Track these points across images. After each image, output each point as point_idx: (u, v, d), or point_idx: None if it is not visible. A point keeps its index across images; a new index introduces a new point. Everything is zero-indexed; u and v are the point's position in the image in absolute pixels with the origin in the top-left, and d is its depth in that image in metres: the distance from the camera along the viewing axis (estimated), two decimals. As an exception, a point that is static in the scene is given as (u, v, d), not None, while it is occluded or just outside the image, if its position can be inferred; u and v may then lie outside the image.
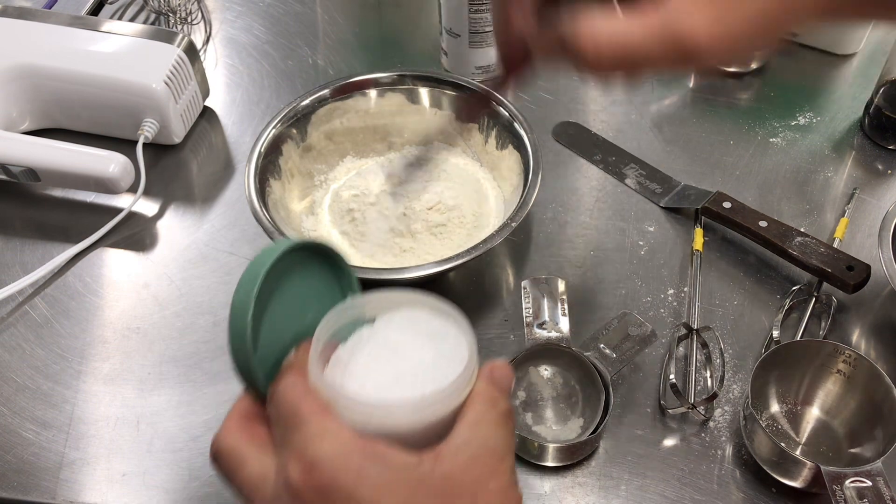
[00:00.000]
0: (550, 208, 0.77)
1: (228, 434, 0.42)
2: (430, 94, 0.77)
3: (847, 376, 0.61)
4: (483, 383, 0.42)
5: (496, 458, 0.39)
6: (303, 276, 0.45)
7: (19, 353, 0.68)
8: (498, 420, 0.41)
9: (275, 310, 0.43)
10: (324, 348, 0.44)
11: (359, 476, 0.37)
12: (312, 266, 0.46)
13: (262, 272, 0.41)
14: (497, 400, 0.42)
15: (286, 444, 0.39)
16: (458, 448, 0.39)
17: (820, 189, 0.78)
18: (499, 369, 0.43)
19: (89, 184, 0.76)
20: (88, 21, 0.83)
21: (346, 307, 0.45)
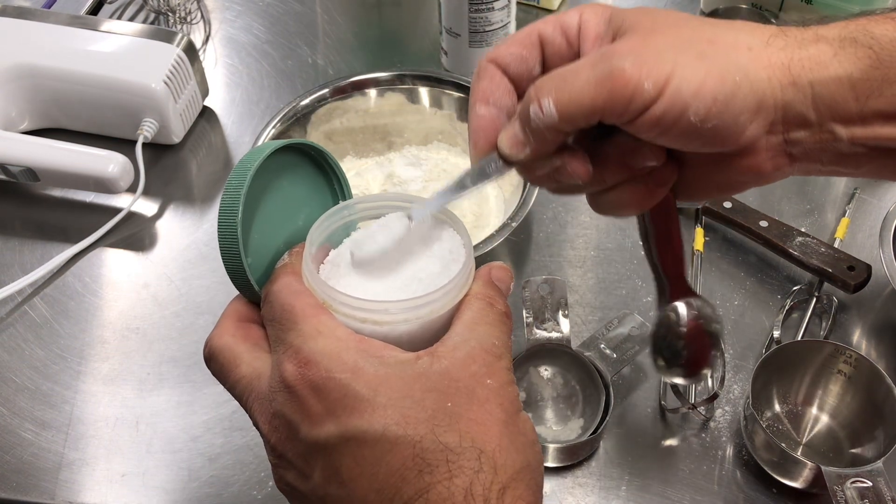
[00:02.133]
0: (550, 208, 0.77)
1: (223, 334, 0.42)
2: (430, 94, 0.77)
3: (848, 376, 0.61)
4: (480, 284, 0.42)
5: (493, 356, 0.39)
6: (293, 178, 0.45)
7: (19, 353, 0.68)
8: (495, 320, 0.40)
9: (265, 212, 0.43)
10: (317, 251, 0.43)
11: (354, 371, 0.37)
12: (303, 168, 0.45)
13: (251, 172, 0.40)
14: (494, 300, 0.41)
15: (281, 343, 0.39)
16: (456, 346, 0.39)
17: (821, 189, 0.78)
18: (497, 270, 0.43)
19: (88, 184, 0.75)
20: (88, 21, 0.83)
21: (339, 209, 0.44)
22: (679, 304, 0.45)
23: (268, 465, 0.62)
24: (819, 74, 0.37)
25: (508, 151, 0.39)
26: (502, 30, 0.83)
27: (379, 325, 0.40)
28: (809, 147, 0.38)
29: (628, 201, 0.41)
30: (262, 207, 0.43)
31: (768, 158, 0.39)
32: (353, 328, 0.39)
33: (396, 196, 0.45)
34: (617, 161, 0.40)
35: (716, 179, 0.41)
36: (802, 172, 0.40)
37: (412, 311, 0.40)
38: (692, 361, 0.46)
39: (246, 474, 0.61)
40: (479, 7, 0.80)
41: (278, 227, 0.44)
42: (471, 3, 0.80)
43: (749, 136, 0.37)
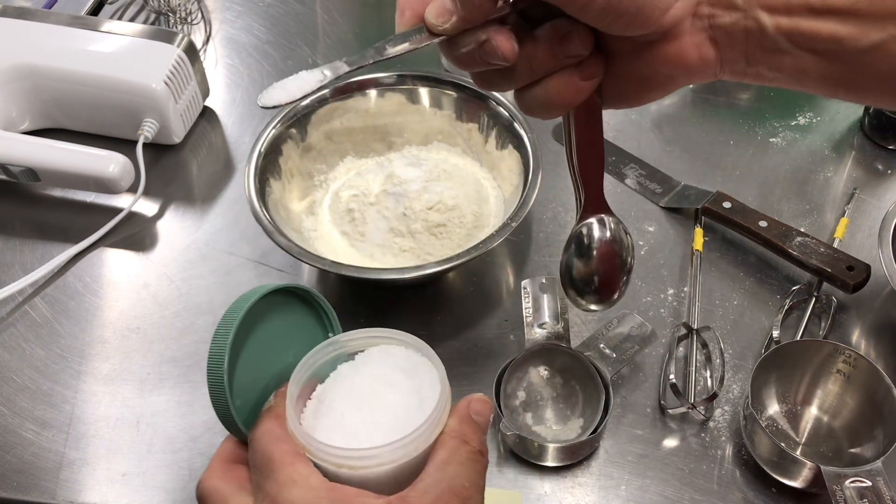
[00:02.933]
0: (550, 208, 0.77)
1: (212, 476, 0.44)
2: (430, 94, 0.77)
3: (847, 376, 0.61)
4: (455, 421, 0.43)
5: (461, 499, 0.40)
6: (282, 316, 0.47)
7: (19, 353, 0.68)
8: (467, 459, 0.42)
9: (253, 353, 0.45)
10: (303, 388, 0.45)
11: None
12: (291, 306, 0.48)
13: (236, 321, 0.43)
14: (468, 437, 0.42)
15: (259, 490, 0.41)
16: (426, 489, 0.40)
17: (820, 189, 0.78)
18: (476, 403, 0.44)
19: (89, 184, 0.75)
20: (88, 21, 0.83)
21: (324, 346, 0.46)
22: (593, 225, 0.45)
23: (268, 465, 0.62)
24: None
25: (435, 20, 0.39)
26: (502, 30, 0.83)
27: (355, 470, 0.42)
28: (735, 34, 0.38)
29: (555, 96, 0.40)
30: (251, 348, 0.45)
31: (693, 46, 0.38)
32: (330, 473, 0.42)
33: (382, 331, 0.47)
34: (545, 48, 0.39)
35: (641, 71, 0.40)
36: (728, 73, 0.40)
37: (387, 456, 0.42)
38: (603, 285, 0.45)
39: (246, 474, 0.61)
40: (479, 7, 0.80)
41: (267, 364, 0.47)
42: (471, 3, 0.80)
43: (672, 17, 0.37)
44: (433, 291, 0.71)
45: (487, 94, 0.74)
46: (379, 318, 0.69)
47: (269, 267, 0.73)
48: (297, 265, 0.73)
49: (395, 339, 0.47)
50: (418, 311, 0.70)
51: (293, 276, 0.72)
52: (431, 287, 0.71)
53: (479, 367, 0.66)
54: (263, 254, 0.74)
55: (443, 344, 0.68)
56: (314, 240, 0.72)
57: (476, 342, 0.67)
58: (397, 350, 0.47)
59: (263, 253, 0.74)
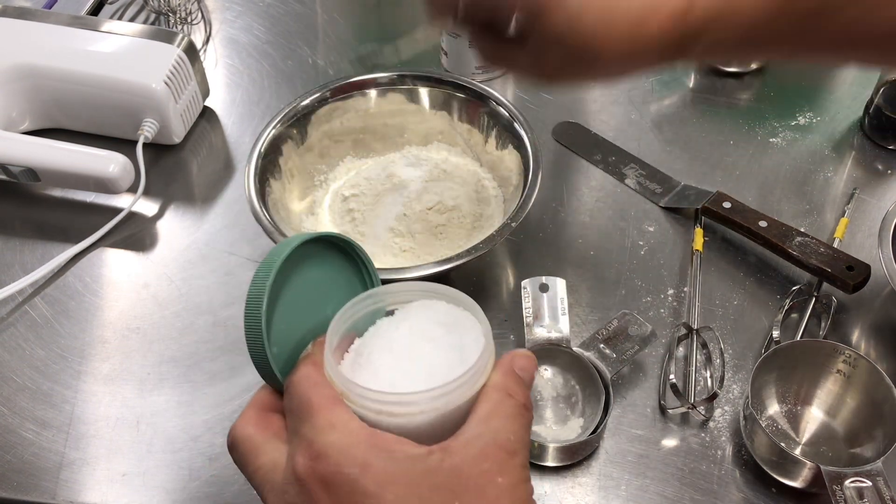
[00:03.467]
0: (550, 208, 0.77)
1: (246, 424, 0.42)
2: (430, 94, 0.77)
3: (847, 376, 0.61)
4: (499, 374, 0.41)
5: (507, 452, 0.38)
6: (321, 268, 0.46)
7: (19, 353, 0.68)
8: (512, 413, 0.40)
9: (291, 302, 0.44)
10: (341, 340, 0.44)
11: (363, 467, 0.37)
12: (330, 258, 0.46)
13: (276, 265, 0.41)
14: (513, 391, 0.41)
15: (296, 435, 0.40)
16: (468, 441, 0.38)
17: (820, 189, 0.78)
18: (520, 358, 0.42)
19: (89, 184, 0.76)
20: (88, 21, 0.83)
21: (363, 299, 0.45)
22: None
23: (268, 465, 0.62)
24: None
25: None
26: (502, 30, 0.83)
27: (395, 417, 0.40)
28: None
29: None
30: (289, 296, 0.43)
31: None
32: (369, 420, 0.40)
33: (423, 285, 0.45)
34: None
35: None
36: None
37: (428, 403, 0.40)
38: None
39: (246, 474, 0.61)
40: (479, 7, 0.80)
41: (305, 314, 0.45)
42: (471, 3, 0.80)
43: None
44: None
45: (487, 94, 0.74)
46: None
47: (269, 267, 0.73)
48: (297, 265, 0.73)
49: (437, 293, 0.45)
50: (418, 311, 0.70)
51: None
52: (431, 287, 0.71)
53: (479, 367, 0.66)
54: (263, 254, 0.72)
55: (443, 344, 0.68)
56: (314, 240, 0.71)
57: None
58: (439, 305, 0.45)
59: (263, 253, 0.73)
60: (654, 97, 0.87)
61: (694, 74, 0.89)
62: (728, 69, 0.88)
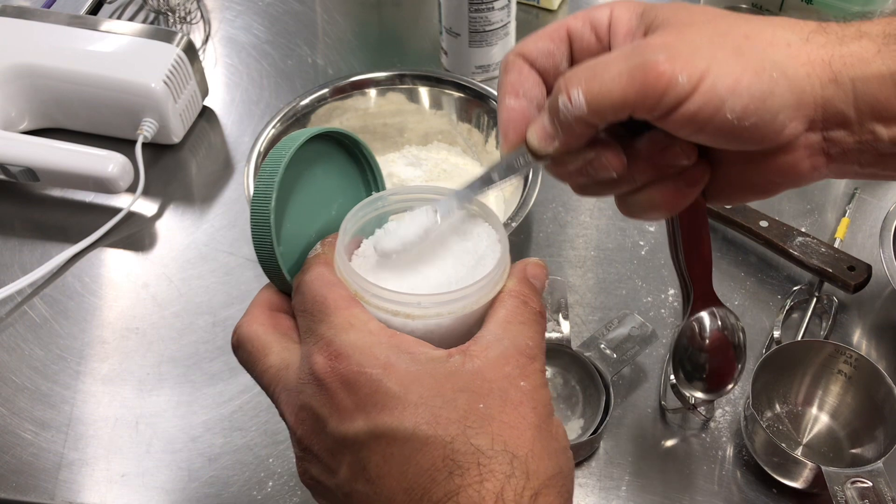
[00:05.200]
0: (550, 208, 0.77)
1: (252, 322, 0.41)
2: (430, 94, 0.77)
3: (848, 377, 0.61)
4: (515, 281, 0.40)
5: (527, 357, 0.38)
6: (327, 167, 0.44)
7: (18, 353, 0.68)
8: (529, 318, 0.39)
9: (298, 201, 0.42)
10: (349, 242, 0.42)
11: (386, 367, 0.36)
12: (336, 158, 0.45)
13: (285, 160, 0.39)
14: (529, 298, 0.40)
15: (312, 334, 0.38)
16: (489, 344, 0.37)
17: (821, 189, 0.78)
18: (533, 266, 0.41)
19: (88, 183, 0.75)
20: (87, 20, 0.83)
21: (374, 200, 0.43)
22: (704, 315, 0.44)
23: (267, 465, 0.62)
24: (861, 71, 0.36)
25: (537, 144, 0.39)
26: (502, 29, 0.83)
27: (411, 319, 0.39)
28: (849, 147, 0.37)
29: (659, 202, 0.40)
30: (295, 196, 0.42)
31: (806, 157, 0.38)
32: (384, 321, 0.39)
33: (430, 189, 0.43)
34: (647, 159, 0.39)
35: (750, 179, 0.40)
36: (837, 174, 0.39)
37: (445, 306, 0.39)
38: (715, 375, 0.44)
39: (246, 474, 0.61)
40: (479, 7, 0.80)
41: (311, 216, 0.43)
42: (471, 2, 0.80)
43: (787, 135, 0.36)
44: (433, 291, 0.71)
45: (487, 94, 0.74)
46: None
47: (268, 267, 0.73)
48: (297, 265, 0.73)
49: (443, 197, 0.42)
50: (418, 311, 0.70)
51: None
52: (431, 287, 0.71)
53: (479, 367, 0.65)
54: (263, 254, 0.73)
55: (443, 344, 0.67)
56: (314, 240, 0.71)
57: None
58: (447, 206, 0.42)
59: (263, 253, 0.73)
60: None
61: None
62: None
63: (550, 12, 0.94)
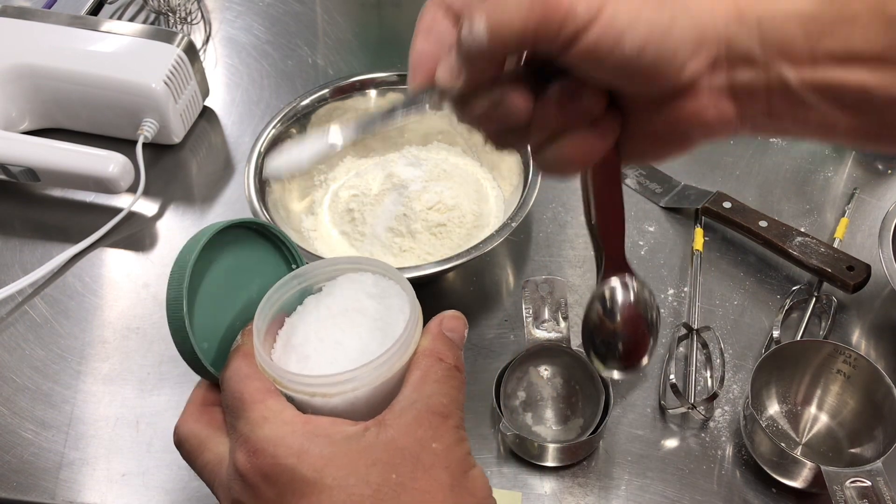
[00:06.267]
0: (550, 208, 0.77)
1: (188, 419, 0.43)
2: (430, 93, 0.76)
3: (847, 376, 0.61)
4: (429, 338, 0.42)
5: (440, 416, 0.39)
6: (240, 254, 0.46)
7: (19, 353, 0.68)
8: (443, 376, 0.40)
9: (215, 293, 0.44)
10: (270, 325, 0.44)
11: (300, 455, 0.37)
12: (250, 243, 0.46)
13: (190, 263, 0.41)
14: (443, 354, 0.41)
15: (234, 430, 0.40)
16: (403, 410, 0.39)
17: (820, 189, 0.78)
18: (449, 320, 0.42)
19: (89, 184, 0.75)
20: (88, 21, 0.83)
21: (289, 280, 0.45)
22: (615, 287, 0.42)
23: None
24: (767, 10, 0.35)
25: (443, 81, 0.38)
26: (502, 30, 0.83)
27: (329, 398, 0.40)
28: (755, 89, 0.36)
29: (570, 155, 0.39)
30: (211, 288, 0.43)
31: (712, 102, 0.36)
32: (304, 404, 0.40)
33: (346, 259, 0.46)
34: (557, 105, 0.38)
35: (659, 129, 0.38)
36: (749, 127, 0.38)
37: (359, 381, 0.40)
38: (629, 353, 0.42)
39: (246, 474, 0.61)
40: (479, 7, 0.80)
41: (230, 303, 0.45)
42: (471, 3, 0.80)
43: (689, 73, 0.35)
44: (433, 291, 0.71)
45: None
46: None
47: (268, 267, 0.73)
48: (297, 265, 0.73)
49: (360, 266, 0.45)
50: (418, 311, 0.70)
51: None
52: (431, 287, 0.71)
53: (479, 367, 0.66)
54: (263, 254, 0.73)
55: (443, 344, 0.68)
56: (314, 240, 0.71)
57: (476, 342, 0.67)
58: (364, 277, 0.45)
59: (263, 253, 0.73)
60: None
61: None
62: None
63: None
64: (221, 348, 0.44)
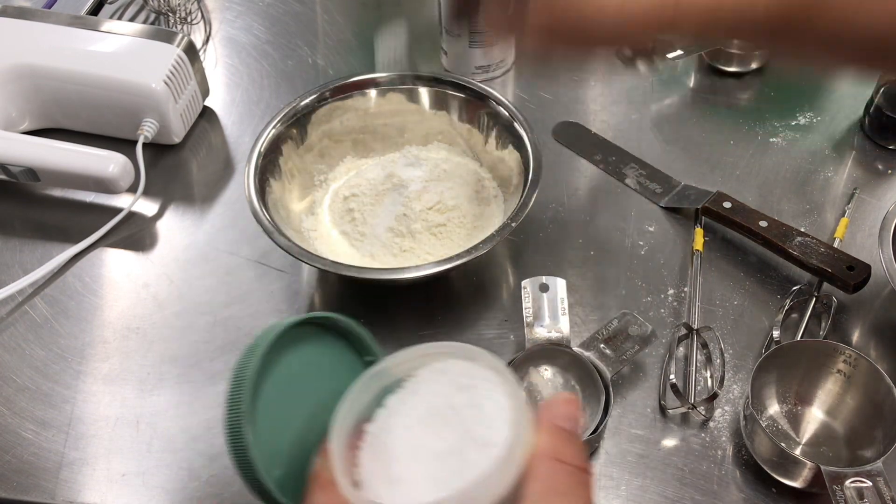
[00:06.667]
0: (550, 208, 0.77)
1: None
2: (430, 93, 0.77)
3: (847, 376, 0.61)
4: (543, 437, 0.35)
5: None
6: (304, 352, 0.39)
7: (19, 353, 0.68)
8: (569, 484, 0.34)
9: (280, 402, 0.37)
10: (350, 438, 0.37)
11: None
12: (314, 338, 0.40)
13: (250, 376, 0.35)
14: (564, 454, 0.34)
15: None
16: None
17: (820, 189, 0.78)
18: (562, 406, 0.36)
19: (89, 184, 0.75)
20: (88, 21, 0.83)
21: (365, 382, 0.38)
22: None
23: (268, 465, 0.62)
24: None
25: None
26: (502, 30, 0.83)
27: None
28: None
29: None
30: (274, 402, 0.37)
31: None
32: None
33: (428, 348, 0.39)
34: None
35: None
36: None
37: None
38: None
39: (246, 474, 0.61)
40: (479, 7, 0.80)
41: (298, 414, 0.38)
42: (471, 3, 0.80)
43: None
44: (433, 291, 0.71)
45: (487, 94, 0.74)
46: (379, 319, 0.69)
47: (269, 267, 0.73)
48: (297, 265, 0.73)
49: (445, 353, 0.38)
50: (418, 311, 0.70)
51: (293, 275, 0.72)
52: (431, 287, 0.71)
53: (479, 367, 0.66)
54: (263, 254, 0.74)
55: (443, 344, 0.68)
56: (314, 240, 0.72)
57: (476, 342, 0.67)
58: (451, 366, 0.38)
59: (263, 253, 0.74)
60: (654, 97, 0.87)
61: (694, 74, 0.89)
62: (728, 69, 0.88)
63: (550, 13, 0.94)
64: (293, 473, 0.37)
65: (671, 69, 0.90)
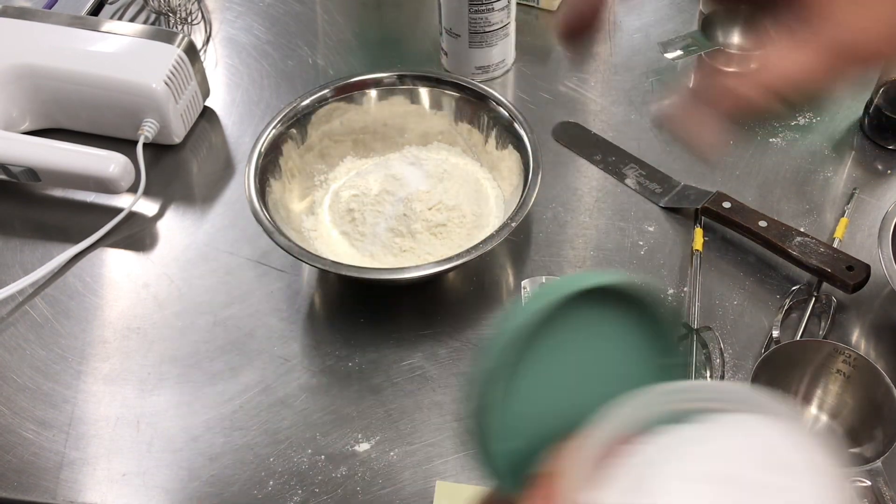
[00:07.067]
0: (550, 208, 0.77)
1: None
2: (430, 94, 0.77)
3: (847, 376, 0.61)
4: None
5: None
6: (592, 322, 0.32)
7: (19, 353, 0.68)
8: None
9: (550, 367, 0.31)
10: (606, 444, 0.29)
11: None
12: (608, 311, 0.32)
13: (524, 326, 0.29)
14: None
15: None
16: None
17: (820, 189, 0.78)
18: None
19: (89, 184, 0.76)
20: (88, 21, 0.83)
21: (659, 395, 0.30)
22: None
23: (268, 465, 0.62)
24: None
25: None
26: (502, 30, 0.83)
27: None
28: None
29: None
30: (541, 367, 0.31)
31: None
32: None
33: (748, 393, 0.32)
34: None
35: None
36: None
37: None
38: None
39: (247, 474, 0.61)
40: (479, 8, 0.80)
41: (560, 391, 0.32)
42: (471, 3, 0.80)
43: None
44: (433, 291, 0.71)
45: (487, 94, 0.74)
46: (379, 319, 0.69)
47: (269, 267, 0.73)
48: (298, 265, 0.73)
49: (765, 409, 0.31)
50: (418, 311, 0.70)
51: (293, 275, 0.72)
52: (431, 287, 0.71)
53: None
54: (263, 254, 0.74)
55: (443, 344, 0.68)
56: (314, 240, 0.72)
57: (476, 342, 0.67)
58: (767, 429, 0.30)
59: (263, 253, 0.74)
60: (654, 97, 0.87)
61: (694, 74, 0.89)
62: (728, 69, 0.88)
63: (550, 13, 0.94)
64: (526, 450, 0.31)
65: (671, 69, 0.90)
